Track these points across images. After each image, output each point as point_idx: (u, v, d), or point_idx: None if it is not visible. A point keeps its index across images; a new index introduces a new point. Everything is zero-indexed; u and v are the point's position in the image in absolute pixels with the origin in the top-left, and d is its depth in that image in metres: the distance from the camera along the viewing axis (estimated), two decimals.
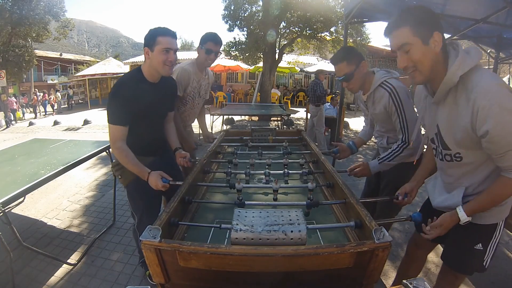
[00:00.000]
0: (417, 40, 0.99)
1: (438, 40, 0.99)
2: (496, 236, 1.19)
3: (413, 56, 1.02)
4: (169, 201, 1.21)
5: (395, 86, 1.57)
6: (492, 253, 1.22)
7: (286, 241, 0.93)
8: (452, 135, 1.08)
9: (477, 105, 0.94)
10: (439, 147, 1.18)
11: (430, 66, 1.02)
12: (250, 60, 9.72)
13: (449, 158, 1.16)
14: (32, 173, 2.13)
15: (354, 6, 4.14)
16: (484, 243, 1.19)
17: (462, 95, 1.00)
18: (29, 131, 8.95)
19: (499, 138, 0.94)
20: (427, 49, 1.00)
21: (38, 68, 21.44)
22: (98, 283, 2.01)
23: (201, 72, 2.23)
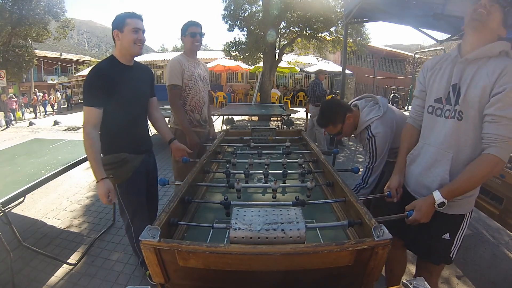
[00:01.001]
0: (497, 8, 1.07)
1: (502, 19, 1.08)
2: (463, 227, 1.23)
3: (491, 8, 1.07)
4: (169, 201, 1.21)
5: (375, 133, 1.68)
6: (459, 244, 1.25)
7: (285, 239, 0.93)
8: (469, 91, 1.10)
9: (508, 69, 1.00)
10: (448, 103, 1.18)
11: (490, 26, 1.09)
12: (250, 60, 9.71)
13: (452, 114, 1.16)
14: (32, 173, 2.13)
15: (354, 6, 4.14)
16: (451, 233, 1.22)
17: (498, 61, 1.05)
18: (29, 131, 8.96)
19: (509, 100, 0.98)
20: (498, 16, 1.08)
21: (38, 68, 21.45)
22: (98, 283, 2.01)
23: (192, 57, 2.28)
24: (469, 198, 1.18)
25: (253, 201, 1.46)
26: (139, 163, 1.67)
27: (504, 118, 1.00)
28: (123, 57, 1.63)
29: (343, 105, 1.83)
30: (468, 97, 1.10)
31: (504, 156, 1.03)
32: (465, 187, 1.11)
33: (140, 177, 1.75)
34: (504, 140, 1.01)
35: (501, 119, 1.00)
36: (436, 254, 1.28)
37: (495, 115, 1.02)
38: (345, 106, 1.82)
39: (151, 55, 22.02)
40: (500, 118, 1.01)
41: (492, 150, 1.03)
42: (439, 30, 4.79)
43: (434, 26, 4.48)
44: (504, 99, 0.99)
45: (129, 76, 1.64)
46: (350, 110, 1.79)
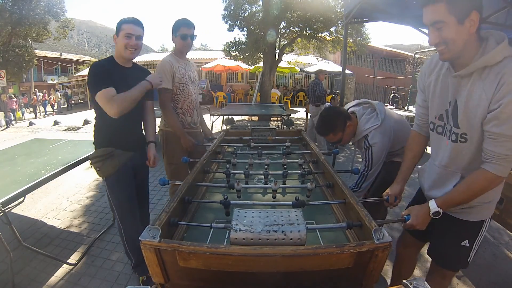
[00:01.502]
0: (452, 19, 0.94)
1: (475, 20, 0.94)
2: (482, 233, 1.20)
3: (445, 34, 0.97)
4: (169, 201, 1.21)
5: (372, 143, 1.70)
6: (477, 249, 1.23)
7: (286, 241, 0.93)
8: (467, 111, 1.03)
9: (503, 79, 0.92)
10: (448, 124, 1.13)
11: (462, 45, 0.98)
12: (250, 60, 9.71)
13: (454, 138, 1.11)
14: (32, 173, 2.13)
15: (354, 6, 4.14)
16: (470, 239, 1.20)
17: (492, 71, 0.96)
18: (29, 131, 8.96)
19: (505, 117, 0.92)
20: (462, 28, 0.95)
21: (38, 68, 21.44)
22: (98, 283, 2.01)
23: (182, 58, 2.26)
24: (488, 204, 1.14)
25: (253, 201, 1.46)
26: (126, 159, 1.70)
27: (500, 135, 0.95)
28: (119, 59, 1.73)
29: (342, 113, 1.83)
30: (469, 118, 1.04)
31: (502, 172, 0.99)
32: (461, 200, 1.09)
33: (126, 174, 1.77)
34: (501, 157, 0.98)
35: (498, 136, 0.96)
36: (455, 260, 1.26)
37: (492, 132, 0.97)
38: (345, 114, 1.82)
39: (151, 55, 22.02)
40: (497, 135, 0.96)
41: (489, 167, 1.00)
42: None
43: None
44: (500, 116, 0.94)
45: (126, 76, 1.70)
46: (349, 118, 1.80)
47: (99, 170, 1.70)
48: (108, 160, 1.67)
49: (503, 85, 0.92)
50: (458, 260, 1.25)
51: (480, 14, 0.94)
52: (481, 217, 1.18)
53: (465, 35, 0.96)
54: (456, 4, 0.93)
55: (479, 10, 0.94)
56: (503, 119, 0.93)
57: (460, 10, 0.93)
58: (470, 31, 0.95)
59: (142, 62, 17.26)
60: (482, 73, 0.99)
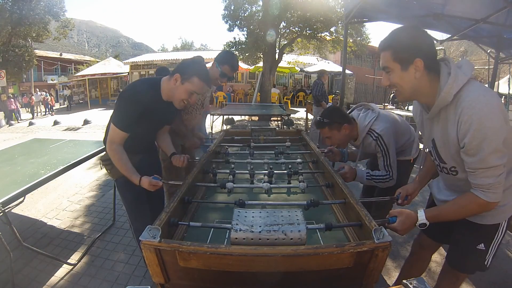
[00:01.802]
0: (396, 66, 1.02)
1: (419, 66, 0.99)
2: (498, 236, 1.20)
3: (392, 78, 1.05)
4: (169, 201, 1.21)
5: (380, 131, 1.69)
6: (494, 252, 1.23)
7: (286, 241, 0.93)
8: (446, 149, 1.10)
9: (461, 119, 0.96)
10: (436, 159, 1.20)
11: (409, 89, 1.05)
12: (250, 60, 9.72)
13: (446, 171, 1.18)
14: (32, 173, 2.13)
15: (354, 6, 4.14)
16: (486, 243, 1.20)
17: (451, 110, 1.01)
18: (29, 131, 8.96)
19: (473, 152, 0.96)
20: (406, 74, 1.02)
21: (38, 68, 21.44)
22: (98, 283, 2.01)
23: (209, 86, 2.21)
24: (503, 208, 1.14)
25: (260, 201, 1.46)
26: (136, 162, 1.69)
27: (477, 169, 0.99)
28: (166, 96, 1.57)
29: (344, 114, 1.81)
30: (449, 154, 1.09)
31: (494, 198, 1.02)
32: (450, 218, 1.12)
33: None
34: (487, 186, 1.00)
35: (476, 170, 1.00)
36: (470, 264, 1.26)
37: (469, 167, 1.01)
38: (347, 116, 1.80)
39: (151, 55, 22.02)
40: (474, 169, 1.00)
41: (481, 195, 1.02)
42: (439, 30, 4.79)
43: (434, 26, 4.48)
44: (468, 152, 0.98)
45: (163, 111, 1.62)
46: (349, 122, 1.77)
47: (110, 172, 1.70)
48: None
49: (461, 124, 0.96)
50: (474, 263, 1.25)
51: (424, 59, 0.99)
52: (497, 220, 1.17)
53: (410, 80, 1.02)
54: (399, 53, 1.00)
55: (423, 57, 0.99)
56: (472, 154, 0.97)
57: (403, 58, 1.00)
58: (416, 76, 1.01)
59: (142, 62, 17.29)
60: (445, 111, 1.04)
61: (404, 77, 1.02)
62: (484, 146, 0.93)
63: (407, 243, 2.50)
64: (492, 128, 0.92)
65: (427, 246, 1.54)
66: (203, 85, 1.51)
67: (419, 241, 1.58)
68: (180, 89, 1.49)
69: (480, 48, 5.55)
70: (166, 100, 1.58)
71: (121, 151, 1.53)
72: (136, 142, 1.69)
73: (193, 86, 1.48)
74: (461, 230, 1.25)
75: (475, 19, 3.90)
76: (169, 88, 1.53)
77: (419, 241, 1.57)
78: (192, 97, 1.52)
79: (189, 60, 1.55)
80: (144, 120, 1.55)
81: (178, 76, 1.48)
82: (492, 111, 0.92)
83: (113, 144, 1.52)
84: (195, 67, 1.51)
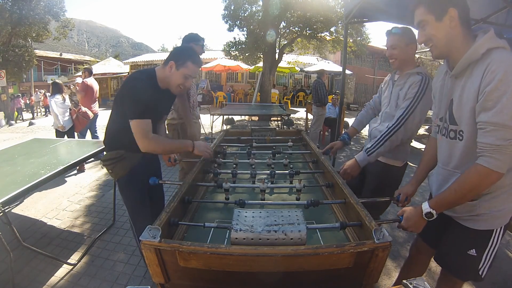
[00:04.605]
0: (430, 17, 1.04)
1: (454, 15, 1.01)
2: (493, 244, 1.15)
3: (428, 31, 1.07)
4: (169, 201, 1.21)
5: (430, 78, 1.58)
6: (489, 262, 1.17)
7: (286, 241, 0.93)
8: (462, 107, 1.06)
9: (488, 68, 0.95)
10: (446, 122, 1.16)
11: (445, 41, 1.06)
12: (250, 60, 9.71)
13: (453, 135, 1.13)
14: (32, 173, 2.13)
15: (354, 6, 4.14)
16: (478, 249, 1.16)
17: (480, 65, 1.00)
18: (29, 131, 8.95)
19: (491, 104, 0.93)
20: (441, 25, 1.03)
21: (38, 68, 21.43)
22: (98, 283, 2.01)
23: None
24: (497, 213, 1.09)
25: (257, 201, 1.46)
26: (137, 161, 1.69)
27: (488, 123, 0.94)
28: (162, 84, 1.61)
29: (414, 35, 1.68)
30: (462, 114, 1.06)
31: (496, 166, 0.94)
32: (455, 199, 1.05)
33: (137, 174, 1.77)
34: (492, 148, 0.94)
35: (486, 125, 0.95)
36: (462, 269, 1.23)
37: (480, 122, 0.97)
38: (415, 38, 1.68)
39: (151, 55, 22.02)
40: (485, 124, 0.95)
41: (481, 161, 0.97)
42: None
43: None
44: (485, 105, 0.94)
45: (162, 100, 1.66)
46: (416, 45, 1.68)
47: (111, 172, 1.70)
48: (119, 163, 1.67)
49: (487, 73, 0.94)
50: (465, 269, 1.21)
51: (458, 10, 1.02)
52: (490, 226, 1.12)
53: (445, 30, 1.04)
54: (433, 4, 1.04)
55: (457, 6, 1.02)
56: (489, 107, 0.94)
57: (437, 9, 1.03)
58: (451, 26, 1.03)
59: (142, 62, 17.28)
60: (472, 69, 1.03)
61: (439, 28, 1.04)
62: (504, 100, 0.90)
63: (407, 243, 2.50)
64: None
65: (423, 251, 1.52)
66: (196, 68, 1.58)
67: (415, 245, 1.57)
68: (176, 75, 1.55)
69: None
70: (163, 88, 1.62)
71: (158, 136, 1.58)
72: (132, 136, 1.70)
73: (188, 70, 1.54)
74: (452, 233, 1.23)
75: (475, 19, 3.90)
76: (165, 75, 1.58)
77: (416, 245, 1.56)
78: (187, 81, 1.57)
79: (180, 47, 1.62)
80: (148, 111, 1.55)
81: (173, 63, 1.54)
82: None
83: (149, 135, 1.52)
84: (188, 53, 1.57)
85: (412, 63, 1.69)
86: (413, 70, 1.66)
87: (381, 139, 1.61)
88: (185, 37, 2.42)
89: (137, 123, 1.50)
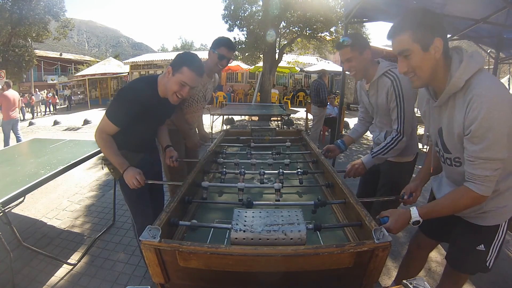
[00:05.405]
0: (416, 47, 0.99)
1: (439, 46, 0.98)
2: (498, 237, 1.19)
3: (412, 62, 1.01)
4: (169, 201, 1.21)
5: (399, 75, 1.55)
6: (495, 253, 1.22)
7: (286, 241, 0.93)
8: (451, 137, 1.08)
9: (470, 105, 0.95)
10: (441, 150, 1.19)
11: (429, 72, 1.02)
12: (250, 60, 9.72)
13: (449, 162, 1.17)
14: (32, 173, 2.13)
15: (354, 6, 4.14)
16: (486, 244, 1.19)
17: (461, 97, 1.00)
18: (29, 131, 8.95)
19: (478, 140, 0.95)
20: (427, 55, 0.99)
21: (38, 68, 21.45)
22: (98, 283, 2.01)
23: (209, 76, 2.16)
24: (502, 209, 1.13)
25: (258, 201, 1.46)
26: (138, 161, 1.70)
27: (477, 158, 0.98)
28: (162, 92, 1.58)
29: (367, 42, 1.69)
30: (454, 143, 1.08)
31: (486, 192, 1.01)
32: (443, 213, 1.11)
33: None
34: (482, 179, 1.00)
35: (475, 159, 0.98)
36: (471, 264, 1.26)
37: (469, 156, 1.00)
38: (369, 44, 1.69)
39: (151, 55, 22.01)
40: (474, 158, 0.99)
41: (474, 187, 1.02)
42: None
43: None
44: (473, 140, 0.97)
45: (160, 107, 1.63)
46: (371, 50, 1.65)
47: (112, 171, 1.70)
48: None
49: (470, 111, 0.95)
50: (475, 264, 1.25)
51: (443, 40, 0.98)
52: (496, 222, 1.17)
53: (431, 61, 1.00)
54: (419, 33, 0.97)
55: (442, 36, 0.98)
56: (476, 142, 0.96)
57: (424, 38, 0.97)
58: (436, 57, 0.99)
59: (142, 62, 17.28)
60: (454, 100, 1.03)
61: (425, 58, 0.99)
62: (490, 136, 0.92)
63: (407, 243, 2.50)
64: (499, 119, 0.91)
65: (424, 245, 1.53)
66: (193, 75, 1.47)
67: (416, 240, 1.57)
68: (171, 81, 1.48)
69: (480, 48, 5.54)
70: (163, 96, 1.58)
71: (110, 140, 1.54)
72: (137, 141, 1.70)
73: (183, 76, 1.45)
74: (461, 230, 1.24)
75: (475, 19, 3.90)
76: (164, 83, 1.54)
77: (417, 241, 1.57)
78: (183, 89, 1.48)
79: (182, 52, 1.56)
80: (143, 118, 1.56)
81: (170, 69, 1.49)
82: (502, 102, 0.92)
83: (103, 134, 1.53)
84: (185, 58, 1.50)
85: (373, 66, 1.65)
86: (378, 73, 1.62)
87: (386, 148, 1.63)
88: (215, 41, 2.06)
89: (104, 121, 1.51)
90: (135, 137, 1.66)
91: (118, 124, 1.51)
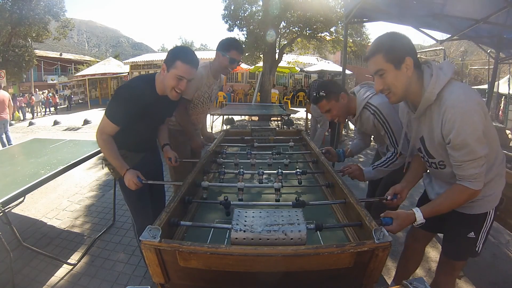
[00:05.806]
0: (389, 66, 1.09)
1: (409, 64, 1.08)
2: (486, 224, 1.28)
3: (387, 80, 1.11)
4: (169, 200, 1.21)
5: (377, 105, 1.61)
6: (483, 239, 1.31)
7: (286, 241, 0.93)
8: (433, 145, 1.17)
9: (444, 118, 1.05)
10: (425, 156, 1.27)
11: (403, 88, 1.12)
12: (250, 60, 9.73)
13: (434, 166, 1.25)
14: (32, 173, 2.13)
15: (354, 6, 4.14)
16: (476, 231, 1.29)
17: (436, 109, 1.10)
18: (29, 131, 8.95)
19: (459, 147, 1.04)
20: (400, 73, 1.09)
21: (38, 68, 21.43)
22: (98, 283, 2.01)
23: (215, 77, 2.16)
24: (490, 197, 1.23)
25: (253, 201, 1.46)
26: (138, 160, 1.70)
27: (463, 162, 1.07)
28: (160, 90, 1.58)
29: (339, 84, 1.76)
30: (436, 150, 1.17)
31: (479, 186, 1.10)
32: (444, 211, 1.19)
33: None
34: (473, 177, 1.09)
35: (462, 163, 1.08)
36: (462, 251, 1.34)
37: (455, 160, 1.09)
38: (341, 86, 1.75)
39: (151, 55, 22.01)
40: (460, 162, 1.08)
41: (468, 185, 1.11)
42: (439, 30, 4.79)
43: (434, 26, 4.48)
44: (454, 147, 1.06)
45: (160, 105, 1.62)
46: (345, 92, 1.70)
47: (112, 171, 1.70)
48: None
49: (445, 122, 1.05)
50: (466, 250, 1.33)
51: (413, 58, 1.09)
52: (485, 210, 1.26)
53: (403, 78, 1.10)
54: (391, 53, 1.08)
55: (411, 55, 1.09)
56: (459, 149, 1.06)
57: (395, 58, 1.08)
58: (408, 74, 1.10)
59: (142, 62, 17.27)
60: (431, 110, 1.13)
61: (398, 76, 1.10)
62: (469, 140, 1.02)
63: None
64: (473, 123, 1.01)
65: (420, 238, 1.59)
66: (188, 68, 1.47)
67: (412, 233, 1.63)
68: (167, 77, 1.48)
69: (480, 48, 5.54)
70: (161, 94, 1.58)
71: (110, 141, 1.54)
72: (137, 140, 1.70)
73: (178, 70, 1.45)
74: (452, 221, 1.33)
75: (475, 19, 3.89)
76: (160, 80, 1.54)
77: (412, 234, 1.63)
78: (181, 83, 1.48)
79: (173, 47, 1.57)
80: (142, 117, 1.56)
81: (164, 66, 1.50)
82: (473, 108, 1.01)
83: (103, 135, 1.53)
84: (177, 52, 1.51)
85: (352, 105, 1.71)
86: (358, 109, 1.68)
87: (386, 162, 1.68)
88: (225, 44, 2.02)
89: (104, 121, 1.52)
90: (135, 136, 1.66)
91: (117, 123, 1.51)
